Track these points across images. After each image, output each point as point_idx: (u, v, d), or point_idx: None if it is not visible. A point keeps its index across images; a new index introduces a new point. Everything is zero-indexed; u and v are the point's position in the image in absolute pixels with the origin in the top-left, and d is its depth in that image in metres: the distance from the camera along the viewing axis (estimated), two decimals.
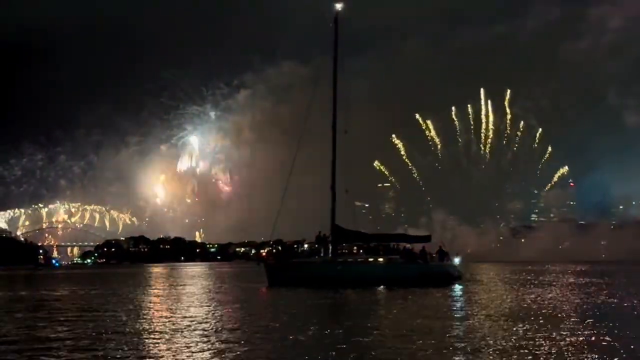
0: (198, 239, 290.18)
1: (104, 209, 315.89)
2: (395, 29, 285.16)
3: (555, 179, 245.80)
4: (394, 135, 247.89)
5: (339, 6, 54.94)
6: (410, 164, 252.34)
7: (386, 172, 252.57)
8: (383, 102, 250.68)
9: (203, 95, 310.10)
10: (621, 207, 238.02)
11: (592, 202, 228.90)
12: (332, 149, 53.19)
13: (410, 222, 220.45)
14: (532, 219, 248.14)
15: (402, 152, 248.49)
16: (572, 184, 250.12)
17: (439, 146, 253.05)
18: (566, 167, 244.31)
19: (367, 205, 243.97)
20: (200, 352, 17.35)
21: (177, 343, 18.90)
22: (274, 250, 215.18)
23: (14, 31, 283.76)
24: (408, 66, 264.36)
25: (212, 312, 28.70)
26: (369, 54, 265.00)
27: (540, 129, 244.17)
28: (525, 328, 21.05)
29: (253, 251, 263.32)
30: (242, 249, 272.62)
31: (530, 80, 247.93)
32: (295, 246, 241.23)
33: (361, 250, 60.55)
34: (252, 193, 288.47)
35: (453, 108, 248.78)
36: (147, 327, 23.08)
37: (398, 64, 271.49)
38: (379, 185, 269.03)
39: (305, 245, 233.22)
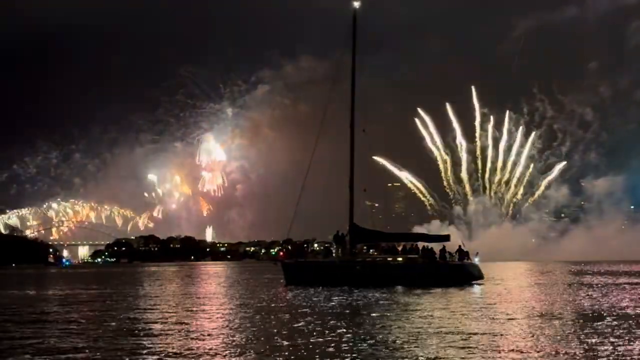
0: (209, 239, 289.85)
1: (115, 207, 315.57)
2: (418, 24, 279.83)
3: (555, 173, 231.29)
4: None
5: (357, 4, 54.52)
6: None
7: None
8: (403, 99, 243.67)
9: (220, 92, 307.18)
10: (632, 206, 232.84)
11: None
12: (350, 147, 52.56)
13: (419, 221, 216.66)
14: (571, 216, 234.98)
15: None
16: (582, 184, 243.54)
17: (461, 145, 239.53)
18: (564, 163, 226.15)
19: (377, 204, 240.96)
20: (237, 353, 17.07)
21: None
22: (284, 250, 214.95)
23: (30, 30, 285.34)
24: (439, 60, 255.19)
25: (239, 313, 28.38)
26: (390, 51, 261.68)
27: (595, 123, 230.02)
28: (540, 328, 20.70)
29: (263, 250, 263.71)
30: (252, 249, 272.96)
31: (585, 68, 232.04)
32: (305, 245, 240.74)
33: (371, 250, 59.98)
34: (267, 192, 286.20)
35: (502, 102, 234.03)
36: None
37: (422, 61, 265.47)
38: (389, 184, 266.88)
39: (315, 245, 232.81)
